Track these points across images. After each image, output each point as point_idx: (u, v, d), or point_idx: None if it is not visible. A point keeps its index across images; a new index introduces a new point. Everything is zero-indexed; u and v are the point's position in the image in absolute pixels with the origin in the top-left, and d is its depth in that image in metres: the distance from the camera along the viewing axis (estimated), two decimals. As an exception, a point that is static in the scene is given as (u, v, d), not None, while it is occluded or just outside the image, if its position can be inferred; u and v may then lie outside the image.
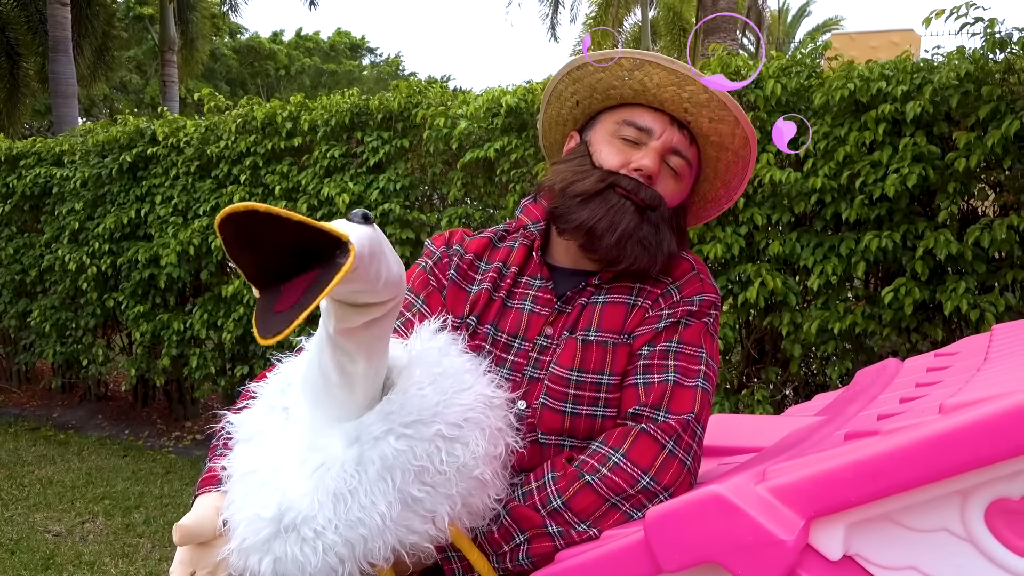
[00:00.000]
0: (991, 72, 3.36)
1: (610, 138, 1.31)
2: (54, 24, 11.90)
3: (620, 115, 1.31)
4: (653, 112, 1.29)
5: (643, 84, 1.27)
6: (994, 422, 0.84)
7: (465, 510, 1.10)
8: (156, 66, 20.27)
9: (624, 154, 1.28)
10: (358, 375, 1.03)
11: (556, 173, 1.32)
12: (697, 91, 1.25)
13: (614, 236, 1.24)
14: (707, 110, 1.27)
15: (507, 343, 1.30)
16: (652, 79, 1.26)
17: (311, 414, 1.08)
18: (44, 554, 3.94)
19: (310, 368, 1.07)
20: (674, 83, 1.25)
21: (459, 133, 4.62)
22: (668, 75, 1.25)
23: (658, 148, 1.28)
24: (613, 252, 1.26)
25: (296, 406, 1.11)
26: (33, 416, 7.13)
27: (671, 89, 1.26)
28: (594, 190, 1.26)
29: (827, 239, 3.70)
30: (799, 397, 3.99)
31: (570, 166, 1.31)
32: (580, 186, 1.27)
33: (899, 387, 1.48)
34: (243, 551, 1.05)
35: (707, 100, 1.26)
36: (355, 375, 1.02)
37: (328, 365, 1.02)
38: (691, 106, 1.27)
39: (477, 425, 1.09)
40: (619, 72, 1.28)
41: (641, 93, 1.29)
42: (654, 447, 1.17)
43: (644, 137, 1.29)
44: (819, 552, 0.92)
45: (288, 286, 0.85)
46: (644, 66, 1.25)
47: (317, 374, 1.05)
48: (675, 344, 1.25)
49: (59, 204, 6.72)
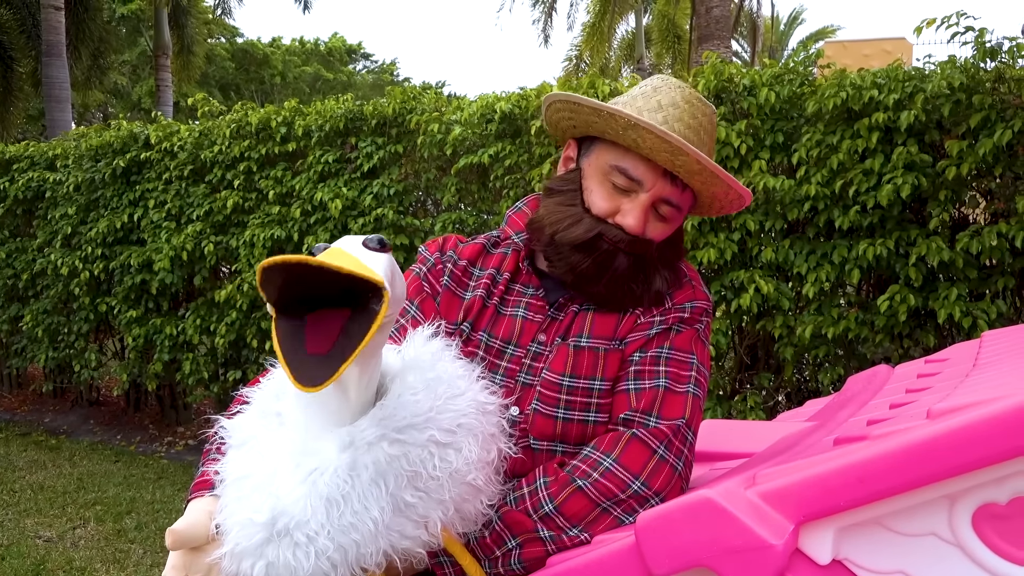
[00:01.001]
0: (982, 81, 3.38)
1: (602, 179, 1.29)
2: (48, 28, 11.88)
3: (613, 157, 1.28)
4: (647, 162, 1.26)
5: (636, 143, 1.24)
6: (981, 427, 0.84)
7: (458, 516, 1.10)
8: (149, 70, 20.26)
9: (613, 201, 1.28)
10: (351, 381, 1.03)
11: (547, 211, 1.32)
12: (689, 162, 1.23)
13: (602, 281, 1.27)
14: (699, 177, 1.26)
15: (500, 349, 1.31)
16: (645, 141, 1.23)
17: (305, 420, 1.08)
18: (35, 560, 3.92)
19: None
20: (666, 151, 1.22)
21: (453, 139, 4.63)
22: (660, 143, 1.21)
23: (646, 202, 1.27)
24: (603, 294, 1.29)
25: (290, 412, 1.12)
26: (24, 421, 7.10)
27: (663, 155, 1.23)
28: (582, 240, 1.26)
29: (820, 246, 3.71)
30: (792, 403, 4.00)
31: (561, 203, 1.31)
32: (569, 234, 1.27)
33: (889, 393, 1.49)
34: (236, 555, 1.05)
35: (700, 169, 1.24)
36: (348, 382, 1.03)
37: None
38: (684, 172, 1.25)
39: (470, 431, 1.09)
40: (613, 124, 1.25)
41: (634, 148, 1.26)
42: (645, 452, 1.18)
43: (635, 187, 1.27)
44: (808, 556, 0.93)
45: (316, 322, 0.86)
46: (638, 128, 1.22)
47: None
48: (666, 350, 1.26)
49: (52, 208, 6.71)
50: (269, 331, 5.74)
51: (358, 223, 5.00)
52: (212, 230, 5.78)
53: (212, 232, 5.77)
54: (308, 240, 5.21)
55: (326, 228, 5.14)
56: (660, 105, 1.27)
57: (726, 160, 3.82)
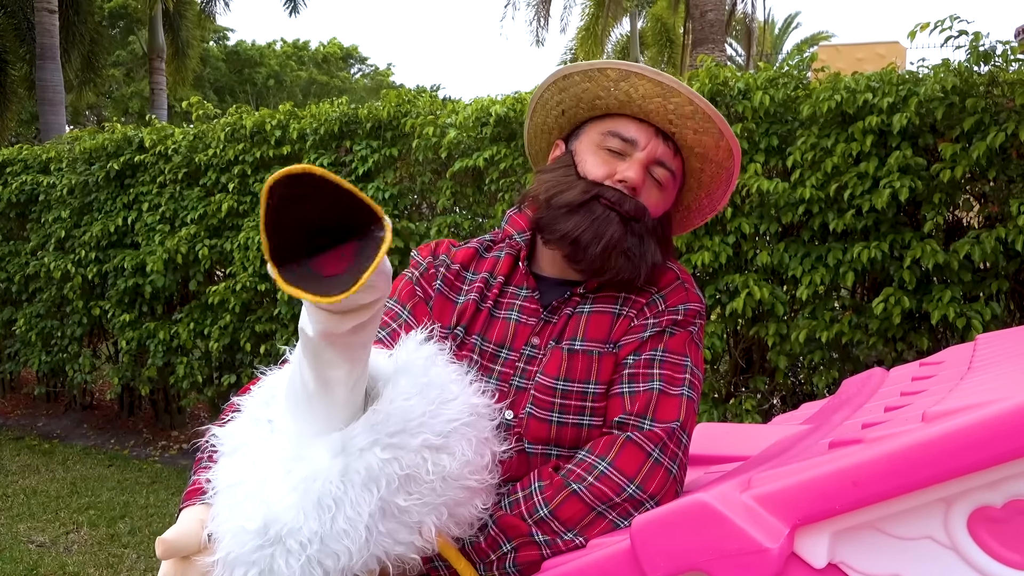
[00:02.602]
0: (975, 85, 3.39)
1: (595, 148, 1.31)
2: (42, 31, 11.87)
3: (605, 125, 1.31)
4: (638, 123, 1.29)
5: (628, 95, 1.27)
6: (977, 430, 0.84)
7: (452, 520, 1.09)
8: (144, 72, 20.23)
9: (609, 165, 1.29)
10: (339, 381, 1.02)
11: (541, 183, 1.32)
12: (682, 103, 1.25)
13: (599, 247, 1.25)
14: (692, 122, 1.28)
15: (494, 353, 1.30)
16: (637, 90, 1.26)
17: (295, 426, 1.08)
18: (28, 564, 3.90)
19: (291, 382, 1.07)
20: (659, 95, 1.25)
21: (448, 142, 4.62)
22: (653, 86, 1.25)
23: (642, 160, 1.28)
24: (598, 263, 1.26)
25: (280, 418, 1.11)
26: (17, 425, 7.07)
27: (656, 100, 1.26)
28: (578, 201, 1.26)
29: (814, 249, 3.72)
30: (787, 406, 4.00)
31: (555, 176, 1.31)
32: (565, 197, 1.27)
33: (884, 396, 1.49)
34: (228, 564, 1.04)
35: (692, 112, 1.26)
36: (336, 381, 1.01)
37: (308, 376, 1.01)
38: (676, 118, 1.27)
39: (463, 435, 1.09)
40: (605, 83, 1.28)
41: (626, 104, 1.29)
42: (640, 455, 1.17)
43: (629, 148, 1.29)
44: (804, 560, 0.93)
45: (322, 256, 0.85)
46: (630, 77, 1.25)
47: (299, 386, 1.04)
48: (660, 353, 1.26)
49: (45, 212, 6.69)
50: (263, 335, 5.68)
51: (353, 226, 4.99)
52: (206, 234, 5.77)
53: (206, 236, 5.76)
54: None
55: (321, 231, 5.12)
56: (643, 66, 1.30)
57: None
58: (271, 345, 5.44)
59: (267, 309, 5.54)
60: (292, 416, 1.08)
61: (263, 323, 5.48)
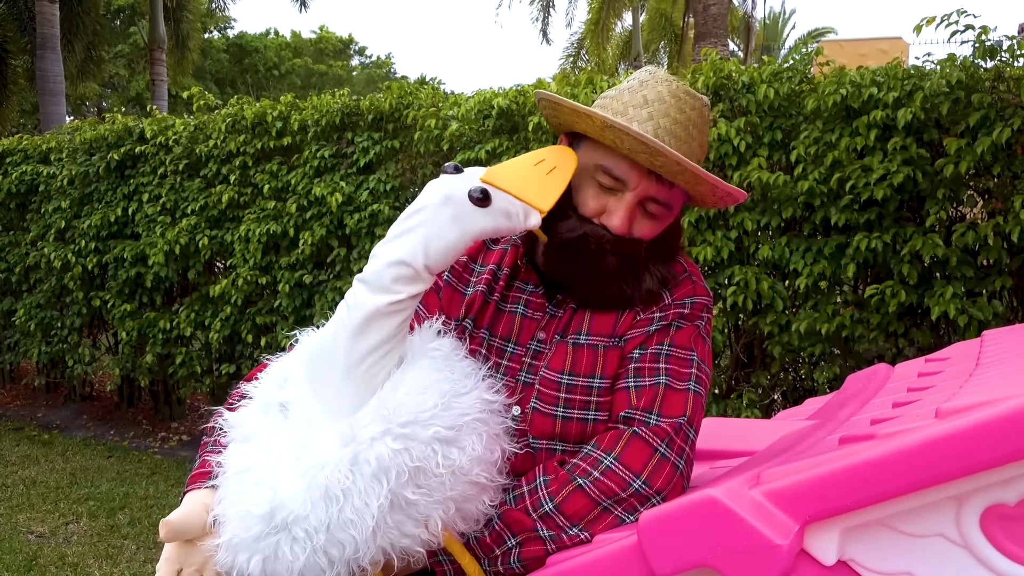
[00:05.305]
0: (981, 80, 3.37)
1: (589, 178, 1.26)
2: (42, 21, 11.83)
3: (598, 155, 1.25)
4: (630, 161, 1.22)
5: (615, 144, 1.21)
6: (990, 427, 0.83)
7: (459, 515, 1.09)
8: (144, 63, 20.17)
9: (599, 201, 1.25)
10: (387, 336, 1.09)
11: None
12: (669, 163, 1.19)
13: (590, 281, 1.25)
14: (682, 177, 1.22)
15: (501, 348, 1.29)
16: (623, 143, 1.19)
17: (306, 412, 1.07)
18: (27, 555, 3.90)
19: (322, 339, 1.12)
20: (645, 151, 1.18)
21: (450, 135, 4.61)
22: (639, 144, 1.18)
23: (630, 202, 1.24)
24: (592, 294, 1.27)
25: (295, 400, 1.10)
26: (17, 416, 7.07)
27: (642, 156, 1.19)
28: (567, 240, 1.24)
29: (816, 243, 3.70)
30: (788, 402, 3.99)
31: None
32: (558, 229, 1.24)
33: (891, 392, 1.47)
34: (232, 548, 1.03)
35: (681, 170, 1.20)
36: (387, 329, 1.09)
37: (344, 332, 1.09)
38: (665, 173, 1.21)
39: (475, 430, 1.08)
40: (592, 125, 1.22)
41: (615, 147, 1.22)
42: (646, 450, 1.16)
43: (619, 186, 1.24)
44: (814, 557, 0.92)
45: None
46: (615, 129, 1.18)
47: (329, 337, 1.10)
48: (666, 347, 1.24)
49: (45, 202, 6.67)
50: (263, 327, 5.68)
51: (354, 218, 4.98)
52: (207, 225, 5.75)
53: (207, 227, 5.75)
54: (304, 236, 5.18)
55: (322, 223, 5.12)
56: (646, 100, 1.23)
57: (724, 157, 3.81)
58: (272, 337, 5.43)
59: (267, 301, 5.53)
60: (308, 391, 1.08)
61: (264, 315, 5.47)
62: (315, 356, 1.11)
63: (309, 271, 5.27)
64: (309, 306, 5.28)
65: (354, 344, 1.06)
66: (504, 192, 1.13)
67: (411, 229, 1.11)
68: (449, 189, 1.13)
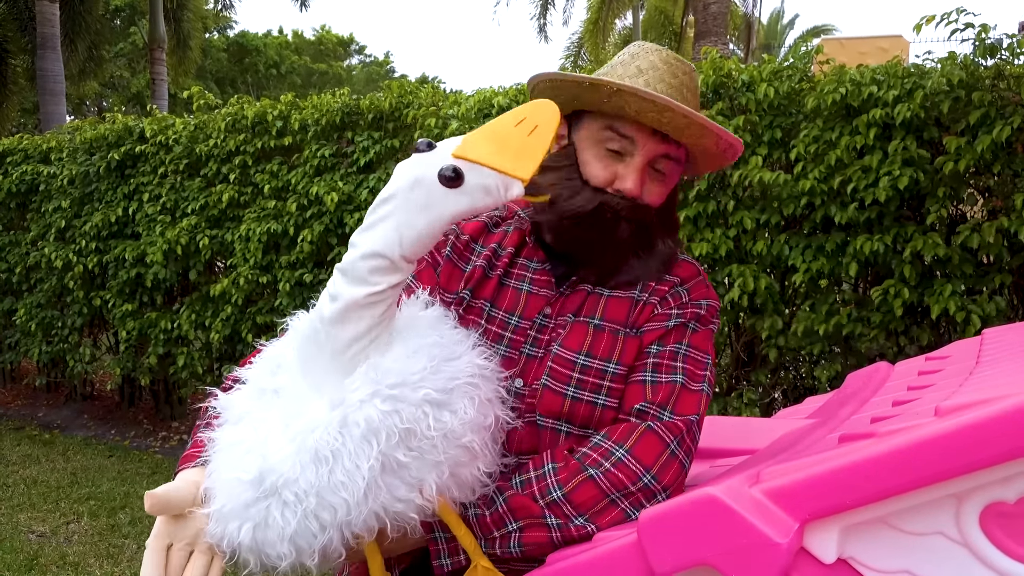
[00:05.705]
0: (981, 78, 3.37)
1: (595, 146, 1.28)
2: (43, 21, 11.84)
3: (604, 119, 1.28)
4: (636, 124, 1.25)
5: (621, 108, 1.23)
6: (990, 425, 0.83)
7: (453, 480, 1.07)
8: (145, 63, 20.16)
9: (609, 169, 1.27)
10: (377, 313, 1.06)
11: (544, 180, 1.30)
12: (676, 118, 1.22)
13: (607, 252, 1.27)
14: (688, 131, 1.25)
15: (504, 320, 1.30)
16: (631, 105, 1.22)
17: (300, 386, 1.07)
18: (28, 555, 3.90)
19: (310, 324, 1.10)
20: (652, 110, 1.21)
21: (450, 134, 4.60)
22: (646, 104, 1.21)
23: (640, 163, 1.26)
24: (609, 266, 1.28)
25: (287, 385, 1.10)
26: (18, 415, 7.07)
27: (650, 115, 1.22)
28: (585, 211, 1.25)
29: (816, 240, 3.70)
30: (787, 400, 3.99)
31: (559, 176, 1.30)
32: (570, 206, 1.26)
33: (891, 390, 1.47)
34: (222, 517, 1.02)
35: (687, 124, 1.23)
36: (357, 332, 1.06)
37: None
38: (672, 129, 1.24)
39: (466, 393, 1.07)
40: (596, 96, 1.24)
41: (621, 112, 1.25)
42: (659, 446, 1.17)
43: (628, 146, 1.26)
44: (813, 555, 0.92)
45: None
46: (621, 93, 1.21)
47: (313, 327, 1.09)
48: (684, 347, 1.26)
49: (46, 202, 6.68)
50: (264, 326, 5.67)
51: (354, 218, 4.98)
52: (207, 224, 5.75)
53: (207, 226, 5.75)
54: (303, 234, 5.18)
55: (321, 222, 5.12)
56: (640, 70, 1.27)
57: (724, 156, 3.80)
58: (272, 336, 5.43)
59: (268, 300, 5.54)
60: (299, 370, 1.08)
61: (264, 314, 5.48)
62: (304, 342, 1.10)
63: (309, 270, 5.28)
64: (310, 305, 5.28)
65: (337, 334, 1.05)
66: (479, 165, 1.03)
67: (383, 218, 1.07)
68: (419, 171, 1.05)
